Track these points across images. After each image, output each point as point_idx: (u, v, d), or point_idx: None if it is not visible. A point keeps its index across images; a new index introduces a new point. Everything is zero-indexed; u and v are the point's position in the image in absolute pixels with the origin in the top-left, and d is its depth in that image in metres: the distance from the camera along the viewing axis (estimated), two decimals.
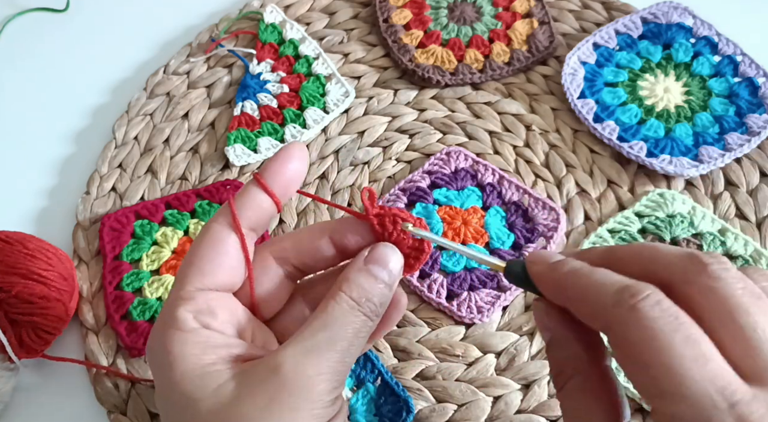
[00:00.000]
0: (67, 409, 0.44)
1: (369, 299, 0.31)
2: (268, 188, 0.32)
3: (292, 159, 0.33)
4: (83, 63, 0.60)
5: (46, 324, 0.43)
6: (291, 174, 0.33)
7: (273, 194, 0.32)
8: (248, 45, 0.59)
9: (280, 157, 0.33)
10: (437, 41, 0.59)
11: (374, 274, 0.31)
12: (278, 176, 0.32)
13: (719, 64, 0.57)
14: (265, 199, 0.32)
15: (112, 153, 0.53)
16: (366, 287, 0.31)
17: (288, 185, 0.33)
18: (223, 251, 0.31)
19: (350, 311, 0.30)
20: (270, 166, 0.32)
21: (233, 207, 0.32)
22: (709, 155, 0.52)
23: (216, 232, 0.32)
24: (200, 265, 0.31)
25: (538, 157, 0.53)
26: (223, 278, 0.32)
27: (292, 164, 0.33)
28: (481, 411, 0.43)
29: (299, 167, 0.33)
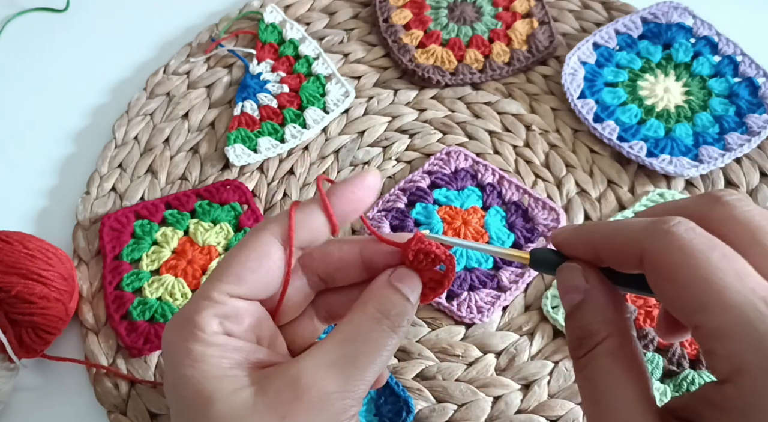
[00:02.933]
0: (67, 409, 0.44)
1: (397, 313, 0.30)
2: (331, 211, 0.31)
3: (365, 187, 0.31)
4: (83, 63, 0.60)
5: (46, 324, 0.42)
6: (359, 204, 0.32)
7: (334, 219, 0.31)
8: (248, 45, 0.59)
9: (355, 182, 0.31)
10: (437, 41, 0.59)
11: (401, 291, 0.31)
12: (346, 201, 0.31)
13: (719, 64, 0.57)
14: (324, 222, 0.31)
15: (112, 153, 0.53)
16: (394, 301, 0.30)
17: (352, 212, 0.32)
18: (267, 265, 0.30)
19: (376, 324, 0.30)
20: (341, 189, 0.31)
21: (293, 221, 0.31)
22: (709, 155, 0.52)
23: (265, 243, 0.31)
24: (240, 273, 0.30)
25: (538, 157, 0.53)
26: (258, 291, 0.31)
27: (363, 193, 0.32)
28: (481, 411, 0.43)
29: (369, 197, 0.32)
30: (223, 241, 0.49)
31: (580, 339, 0.28)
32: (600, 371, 0.27)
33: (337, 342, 0.29)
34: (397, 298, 0.31)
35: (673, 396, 0.42)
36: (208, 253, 0.48)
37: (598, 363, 0.27)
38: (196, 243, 0.48)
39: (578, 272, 0.30)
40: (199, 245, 0.48)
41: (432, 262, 0.32)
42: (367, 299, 0.31)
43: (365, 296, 0.31)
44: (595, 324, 0.28)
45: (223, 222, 0.49)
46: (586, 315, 0.28)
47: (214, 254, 0.48)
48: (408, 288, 0.31)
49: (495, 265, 0.48)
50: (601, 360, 0.27)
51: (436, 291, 0.33)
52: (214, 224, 0.49)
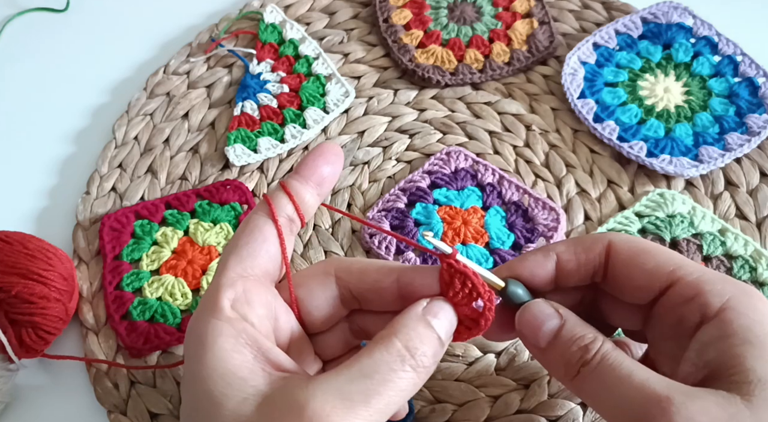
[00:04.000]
0: (67, 409, 0.44)
1: (424, 352, 0.28)
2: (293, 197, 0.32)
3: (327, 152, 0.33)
4: (83, 63, 0.60)
5: (46, 323, 0.42)
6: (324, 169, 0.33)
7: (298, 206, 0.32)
8: (248, 45, 0.60)
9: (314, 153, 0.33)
10: (437, 41, 0.59)
11: (433, 326, 0.29)
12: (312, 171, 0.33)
13: (719, 64, 0.57)
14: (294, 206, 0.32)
15: (112, 153, 0.53)
16: (423, 338, 0.28)
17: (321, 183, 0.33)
18: (261, 237, 0.31)
19: (399, 362, 0.27)
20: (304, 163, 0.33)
21: (269, 199, 0.32)
22: (709, 155, 0.52)
23: (252, 220, 0.32)
24: (238, 251, 0.31)
25: (538, 157, 0.53)
26: (262, 264, 0.31)
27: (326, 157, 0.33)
28: (481, 411, 0.43)
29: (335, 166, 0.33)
30: (223, 241, 0.49)
31: (583, 347, 0.30)
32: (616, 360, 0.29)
33: (354, 374, 0.27)
34: (428, 335, 0.29)
35: None
36: (208, 253, 0.48)
37: (610, 359, 0.29)
38: (196, 243, 0.48)
39: (546, 304, 0.32)
40: (199, 245, 0.48)
41: (469, 295, 0.30)
42: (394, 330, 0.29)
43: (393, 326, 0.29)
44: (588, 334, 0.30)
45: (223, 222, 0.49)
46: (576, 329, 0.31)
47: (214, 254, 0.48)
48: (441, 325, 0.30)
49: (495, 265, 0.48)
50: (611, 354, 0.29)
51: (470, 331, 0.31)
52: (214, 224, 0.49)
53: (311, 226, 0.50)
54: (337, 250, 0.49)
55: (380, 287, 0.32)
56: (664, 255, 0.31)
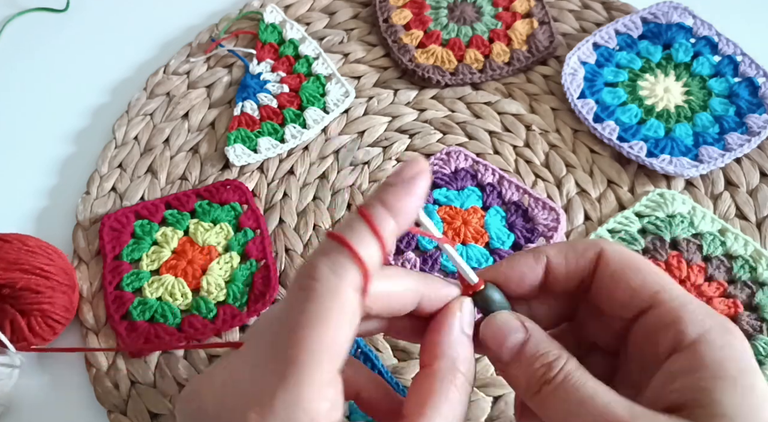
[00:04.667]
0: (67, 409, 0.44)
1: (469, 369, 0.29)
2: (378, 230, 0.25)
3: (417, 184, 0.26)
4: (83, 63, 0.60)
5: (54, 311, 0.43)
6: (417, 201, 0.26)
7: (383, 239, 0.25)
8: (248, 45, 0.60)
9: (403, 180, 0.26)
10: (437, 41, 0.59)
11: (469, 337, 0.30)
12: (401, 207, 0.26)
13: (719, 64, 0.57)
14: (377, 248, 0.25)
15: (112, 153, 0.53)
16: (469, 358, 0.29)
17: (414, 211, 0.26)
18: (351, 322, 0.25)
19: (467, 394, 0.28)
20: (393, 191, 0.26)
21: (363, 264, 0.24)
22: (709, 155, 0.52)
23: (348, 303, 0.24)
24: (333, 349, 0.24)
25: (538, 157, 0.53)
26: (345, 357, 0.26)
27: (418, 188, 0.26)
28: (481, 411, 0.43)
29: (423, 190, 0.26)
30: (223, 241, 0.49)
31: (546, 364, 0.29)
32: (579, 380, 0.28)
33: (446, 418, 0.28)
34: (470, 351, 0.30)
35: None
36: (208, 253, 0.48)
37: (573, 378, 0.28)
38: (196, 243, 0.48)
39: (512, 316, 0.31)
40: (199, 245, 0.48)
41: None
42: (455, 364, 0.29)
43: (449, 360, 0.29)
44: (553, 351, 0.29)
45: (223, 222, 0.49)
46: (541, 345, 0.30)
47: (214, 254, 0.48)
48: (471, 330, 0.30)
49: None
50: (575, 374, 0.28)
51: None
52: (214, 224, 0.49)
53: (311, 226, 0.50)
54: None
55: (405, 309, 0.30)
56: (652, 275, 0.30)
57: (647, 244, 0.48)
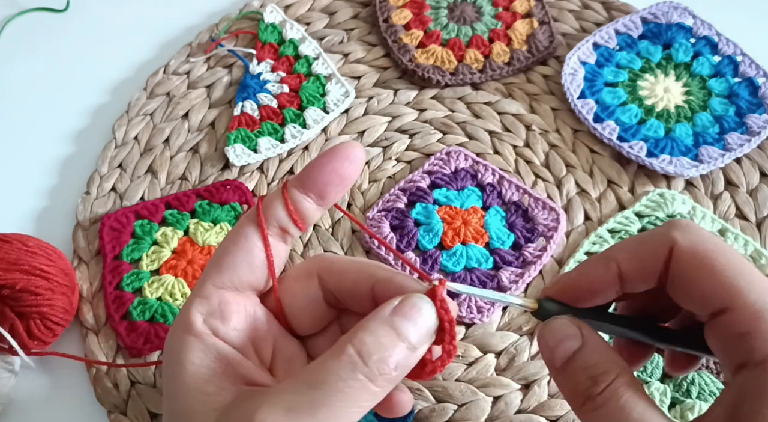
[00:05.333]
0: (67, 409, 0.44)
1: (382, 359, 0.25)
2: (289, 204, 0.30)
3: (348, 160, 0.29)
4: (83, 63, 0.60)
5: (53, 314, 0.43)
6: (341, 180, 0.29)
7: (294, 215, 0.30)
8: (248, 45, 0.59)
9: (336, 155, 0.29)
10: (437, 41, 0.59)
11: (399, 329, 0.26)
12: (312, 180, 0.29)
13: (719, 64, 0.57)
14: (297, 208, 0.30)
15: (112, 153, 0.53)
16: (383, 343, 0.26)
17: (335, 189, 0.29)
18: (244, 246, 0.30)
19: (350, 370, 0.25)
20: (321, 164, 0.29)
21: (260, 206, 0.30)
22: (709, 155, 0.52)
23: (239, 228, 0.30)
24: (219, 261, 0.30)
25: (538, 157, 0.53)
26: (244, 276, 0.30)
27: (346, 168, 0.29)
28: (481, 411, 0.43)
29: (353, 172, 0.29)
30: None
31: (592, 378, 0.27)
32: (627, 402, 0.26)
33: (301, 384, 0.25)
34: (389, 339, 0.26)
35: (673, 396, 0.42)
36: (208, 253, 0.48)
37: (621, 396, 0.27)
38: (196, 243, 0.48)
39: (569, 322, 0.29)
40: (199, 245, 0.48)
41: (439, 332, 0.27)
42: (351, 335, 0.26)
43: (353, 330, 0.26)
44: (604, 363, 0.28)
45: (223, 222, 0.49)
46: (592, 356, 0.28)
47: None
48: (412, 327, 0.26)
49: (495, 265, 0.48)
50: (624, 392, 0.27)
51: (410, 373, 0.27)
52: (214, 224, 0.49)
53: (311, 226, 0.50)
54: (337, 250, 0.49)
55: (357, 292, 0.31)
56: (728, 275, 0.27)
57: None
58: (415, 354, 0.27)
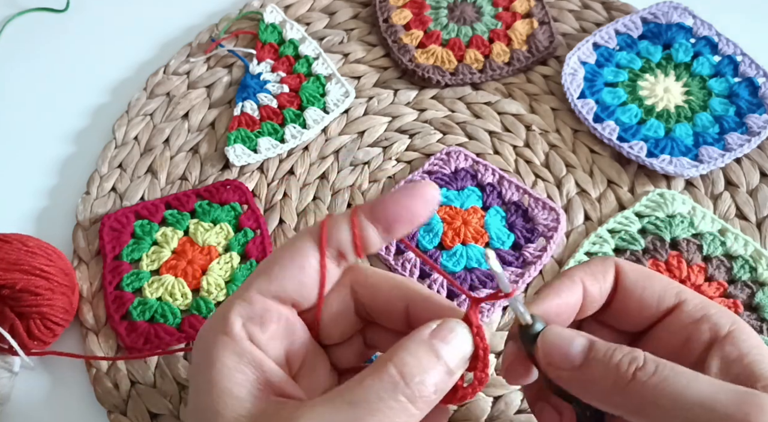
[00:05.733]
0: (67, 409, 0.44)
1: (422, 381, 0.25)
2: (355, 225, 0.29)
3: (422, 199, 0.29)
4: (83, 63, 0.60)
5: (53, 314, 0.43)
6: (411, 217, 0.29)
7: (357, 233, 0.29)
8: (248, 45, 0.60)
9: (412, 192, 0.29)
10: (437, 41, 0.59)
11: (439, 352, 0.26)
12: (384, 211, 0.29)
13: (719, 64, 0.57)
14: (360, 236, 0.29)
15: (112, 153, 0.53)
16: (424, 365, 0.26)
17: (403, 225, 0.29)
18: (299, 263, 0.29)
19: (391, 391, 0.25)
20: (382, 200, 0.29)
21: (324, 226, 0.29)
22: (709, 155, 0.52)
23: (298, 242, 0.30)
24: (270, 269, 0.29)
25: (538, 157, 0.53)
26: (290, 290, 0.29)
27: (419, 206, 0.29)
28: (481, 411, 0.43)
29: (424, 212, 0.29)
30: (223, 241, 0.49)
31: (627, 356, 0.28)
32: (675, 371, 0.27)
33: (341, 402, 0.25)
34: (430, 361, 0.26)
35: None
36: (208, 253, 0.48)
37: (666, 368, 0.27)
38: (196, 243, 0.48)
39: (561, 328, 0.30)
40: (199, 245, 0.48)
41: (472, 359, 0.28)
42: (391, 354, 0.26)
43: (393, 349, 0.27)
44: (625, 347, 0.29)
45: (223, 222, 0.49)
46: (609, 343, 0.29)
47: (214, 254, 0.48)
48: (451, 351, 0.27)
49: None
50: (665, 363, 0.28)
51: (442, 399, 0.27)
52: (214, 224, 0.49)
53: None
54: None
55: (391, 308, 0.31)
56: (666, 279, 0.32)
57: (647, 244, 0.48)
58: (452, 378, 0.27)
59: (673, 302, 0.31)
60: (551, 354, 0.29)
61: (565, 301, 0.31)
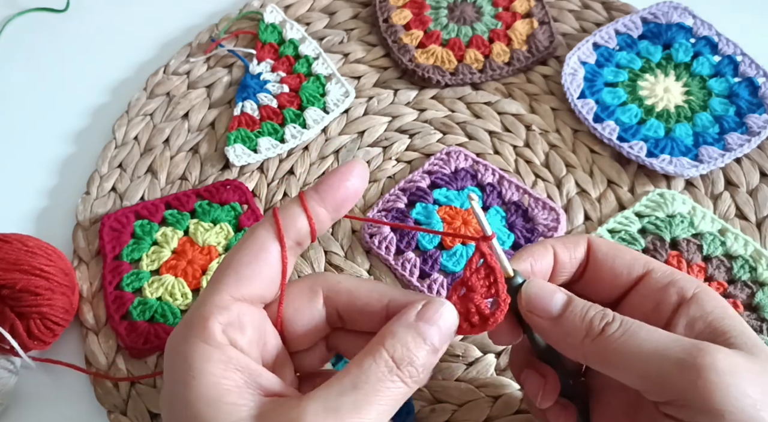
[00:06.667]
0: (67, 409, 0.44)
1: (412, 363, 0.28)
2: (308, 209, 0.31)
3: (352, 177, 0.31)
4: (83, 63, 0.60)
5: (53, 314, 0.43)
6: (346, 192, 0.31)
7: (311, 217, 0.31)
8: (248, 45, 0.59)
9: (342, 172, 0.31)
10: (437, 41, 0.59)
11: (424, 334, 0.29)
12: (332, 192, 0.31)
13: (719, 64, 0.57)
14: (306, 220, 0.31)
15: (112, 153, 0.53)
16: (411, 349, 0.28)
17: (341, 203, 0.31)
18: (264, 259, 0.30)
19: (387, 374, 0.28)
20: (325, 181, 0.31)
21: (278, 218, 0.30)
22: (709, 155, 0.52)
23: (260, 238, 0.30)
24: (239, 270, 0.30)
25: (538, 157, 0.53)
26: (260, 289, 0.30)
27: (351, 183, 0.31)
28: (481, 411, 0.43)
29: (358, 187, 0.31)
30: (223, 241, 0.49)
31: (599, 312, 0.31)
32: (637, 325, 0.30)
33: (343, 387, 0.27)
34: (417, 345, 0.28)
35: None
36: (208, 253, 0.48)
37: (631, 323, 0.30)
38: (196, 243, 0.48)
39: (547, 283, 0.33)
40: (199, 245, 0.48)
41: (488, 289, 0.31)
42: (383, 339, 0.28)
43: (383, 334, 0.29)
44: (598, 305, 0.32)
45: (223, 222, 0.49)
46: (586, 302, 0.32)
47: (214, 254, 0.48)
48: (436, 331, 0.29)
49: None
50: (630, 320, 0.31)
51: (473, 329, 0.31)
52: (214, 224, 0.49)
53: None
54: (337, 250, 0.49)
55: (370, 311, 0.32)
56: (634, 252, 0.35)
57: (647, 244, 0.48)
58: (436, 355, 0.29)
59: (642, 271, 0.34)
60: (533, 304, 0.32)
61: (539, 262, 0.34)
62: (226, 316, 0.29)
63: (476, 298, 0.31)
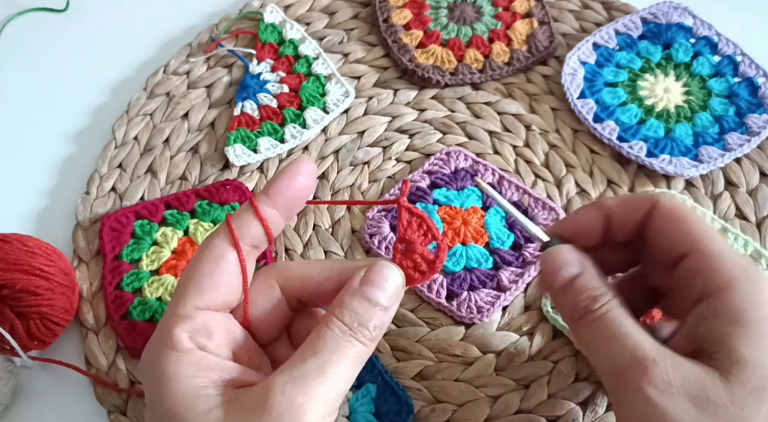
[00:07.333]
0: (67, 409, 0.44)
1: (362, 324, 0.30)
2: (260, 213, 0.32)
3: (297, 176, 0.32)
4: (83, 63, 0.60)
5: (53, 314, 0.43)
6: (298, 192, 0.32)
7: (265, 221, 0.32)
8: (248, 45, 0.60)
9: (289, 172, 0.32)
10: (437, 41, 0.59)
11: (369, 297, 0.30)
12: (281, 193, 0.32)
13: (719, 64, 0.57)
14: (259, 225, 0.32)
15: (112, 153, 0.53)
16: (360, 312, 0.30)
17: (292, 203, 0.32)
18: (224, 268, 0.31)
19: (342, 337, 0.29)
20: (273, 183, 0.32)
21: (231, 224, 0.32)
22: (709, 155, 0.52)
23: (216, 248, 0.31)
24: (200, 282, 0.31)
25: (538, 157, 0.53)
26: (222, 297, 0.31)
27: (300, 181, 0.32)
28: (481, 411, 0.43)
29: (307, 184, 0.32)
30: None
31: (590, 298, 0.32)
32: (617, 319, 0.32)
33: (304, 355, 0.29)
34: (364, 307, 0.30)
35: None
36: None
37: (613, 314, 0.32)
38: (196, 243, 0.48)
39: (572, 250, 0.34)
40: (199, 245, 0.48)
41: (425, 236, 0.32)
42: (333, 309, 0.30)
43: (333, 305, 0.30)
44: (600, 287, 0.33)
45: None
46: (591, 281, 0.33)
47: None
48: (381, 292, 0.31)
49: (495, 265, 0.48)
50: (615, 311, 0.32)
51: (425, 275, 0.32)
52: (214, 224, 0.49)
53: (311, 226, 0.50)
54: (337, 250, 0.49)
55: (324, 290, 0.33)
56: (696, 226, 0.33)
57: None
58: (388, 313, 0.31)
59: (684, 250, 0.32)
60: (544, 269, 0.35)
61: (584, 223, 0.35)
62: (191, 324, 0.30)
63: (417, 248, 0.32)
